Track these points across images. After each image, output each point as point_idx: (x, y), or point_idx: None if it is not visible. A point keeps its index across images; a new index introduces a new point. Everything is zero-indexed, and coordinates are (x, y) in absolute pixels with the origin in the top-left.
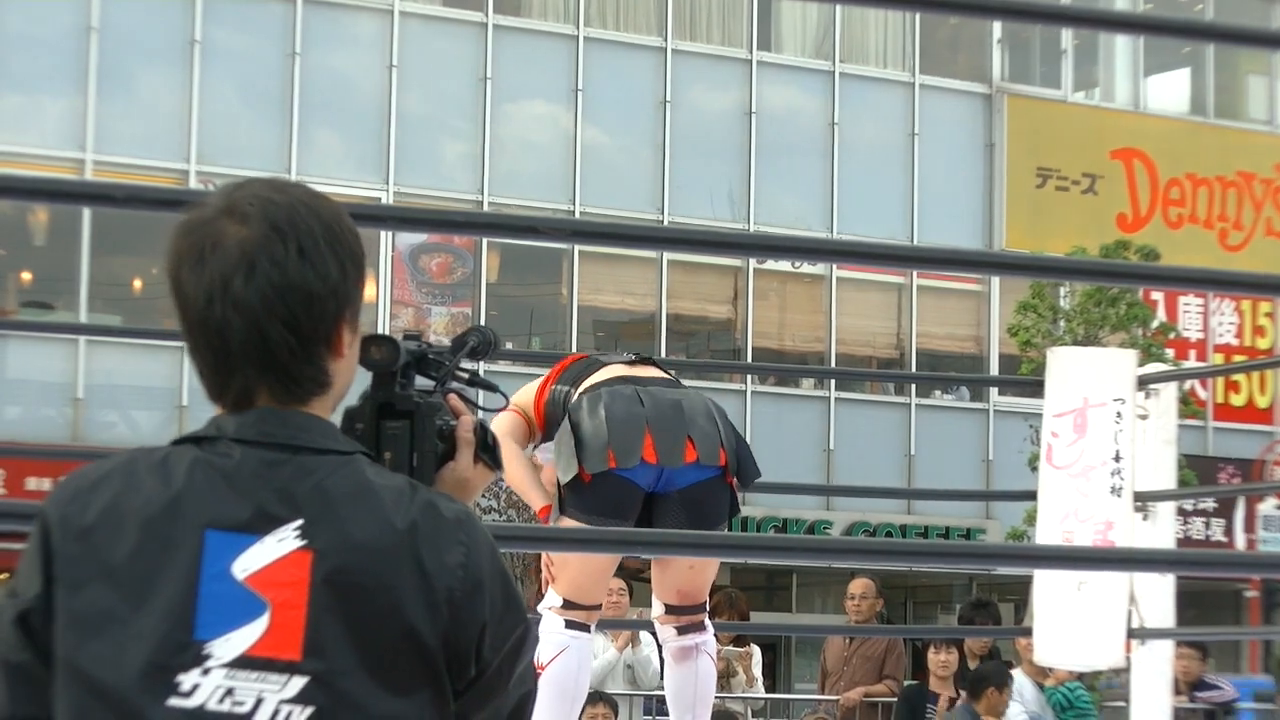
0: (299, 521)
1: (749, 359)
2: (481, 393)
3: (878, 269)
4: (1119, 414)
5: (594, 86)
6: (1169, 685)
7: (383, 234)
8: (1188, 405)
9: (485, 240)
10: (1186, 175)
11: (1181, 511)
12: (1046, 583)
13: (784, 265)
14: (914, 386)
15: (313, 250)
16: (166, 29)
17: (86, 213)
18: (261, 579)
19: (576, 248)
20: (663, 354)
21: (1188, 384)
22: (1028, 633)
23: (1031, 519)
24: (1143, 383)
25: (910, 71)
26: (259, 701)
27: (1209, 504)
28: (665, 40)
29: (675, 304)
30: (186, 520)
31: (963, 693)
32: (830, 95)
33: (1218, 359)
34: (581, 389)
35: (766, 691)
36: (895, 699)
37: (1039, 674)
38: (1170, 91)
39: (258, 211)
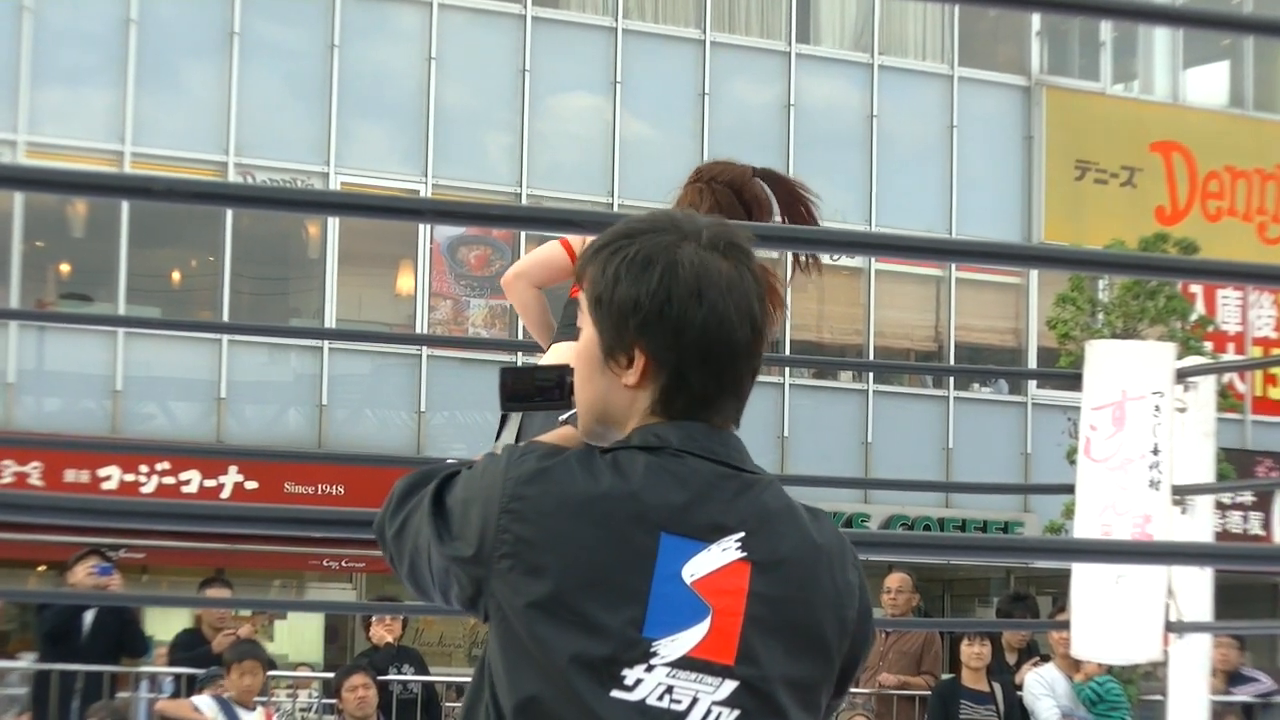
0: (741, 534)
1: (787, 352)
2: None
3: (916, 262)
4: (1157, 407)
5: (633, 79)
6: (1206, 679)
7: (421, 226)
8: (1226, 398)
9: (524, 233)
10: (1225, 168)
11: (1219, 505)
12: (1085, 576)
13: (823, 257)
14: (952, 379)
15: (759, 286)
16: (206, 21)
17: (125, 205)
18: (707, 585)
19: None
20: None
21: (1226, 377)
22: (1065, 626)
23: (1070, 512)
24: (1181, 376)
25: (949, 64)
26: (694, 701)
27: (1247, 497)
28: (704, 32)
29: None
30: (646, 521)
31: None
32: (869, 88)
33: (1256, 352)
34: None
35: None
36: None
37: (1071, 668)
38: (1209, 84)
39: (742, 248)
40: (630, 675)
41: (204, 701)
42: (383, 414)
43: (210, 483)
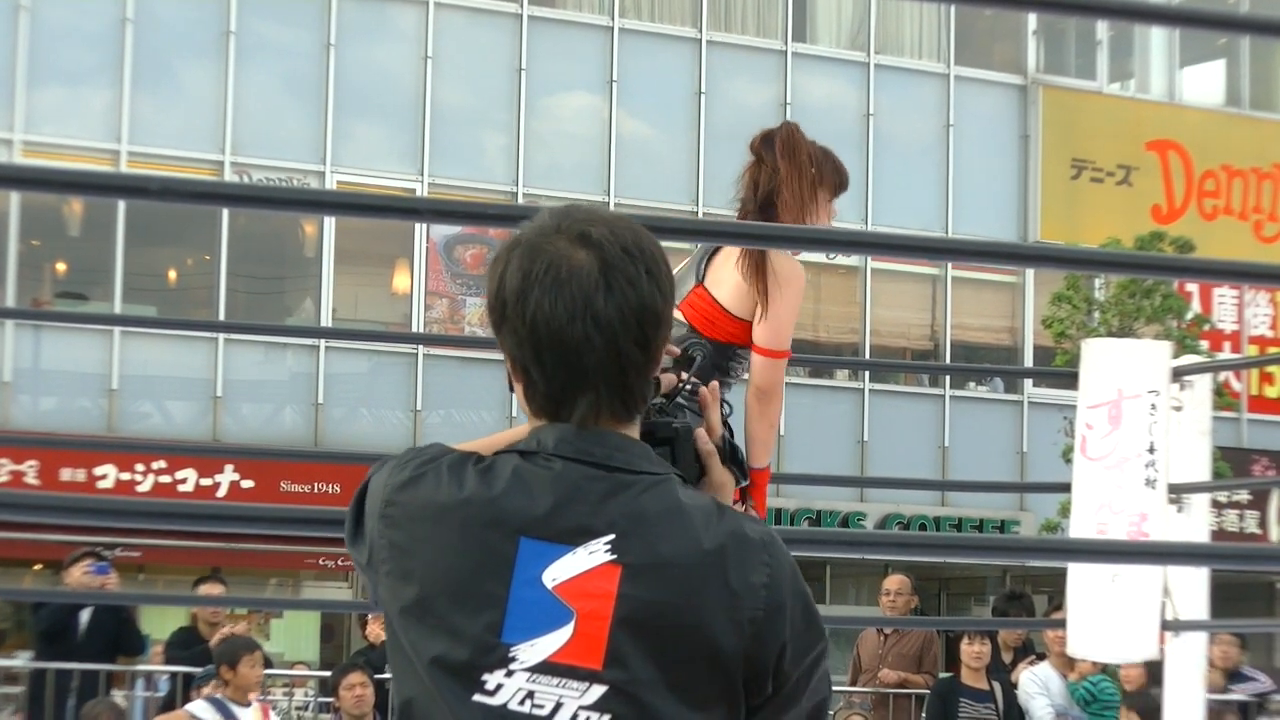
0: (610, 536)
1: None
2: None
3: (912, 261)
4: (1153, 406)
5: (629, 78)
6: (1203, 677)
7: (418, 225)
8: (1222, 397)
9: None
10: (1221, 167)
11: (1215, 503)
12: (1080, 575)
13: (818, 256)
14: (948, 378)
15: (657, 273)
16: (202, 21)
17: (121, 204)
18: (570, 589)
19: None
20: None
21: (1222, 376)
22: (1061, 625)
23: (1066, 511)
24: (1177, 374)
25: (945, 63)
26: (558, 706)
27: (1243, 496)
28: (700, 32)
29: None
30: (503, 526)
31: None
32: (865, 87)
33: (1252, 351)
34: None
35: None
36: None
37: (1066, 666)
38: (1205, 83)
39: (606, 235)
40: (491, 680)
41: (199, 707)
42: (379, 413)
43: (206, 481)
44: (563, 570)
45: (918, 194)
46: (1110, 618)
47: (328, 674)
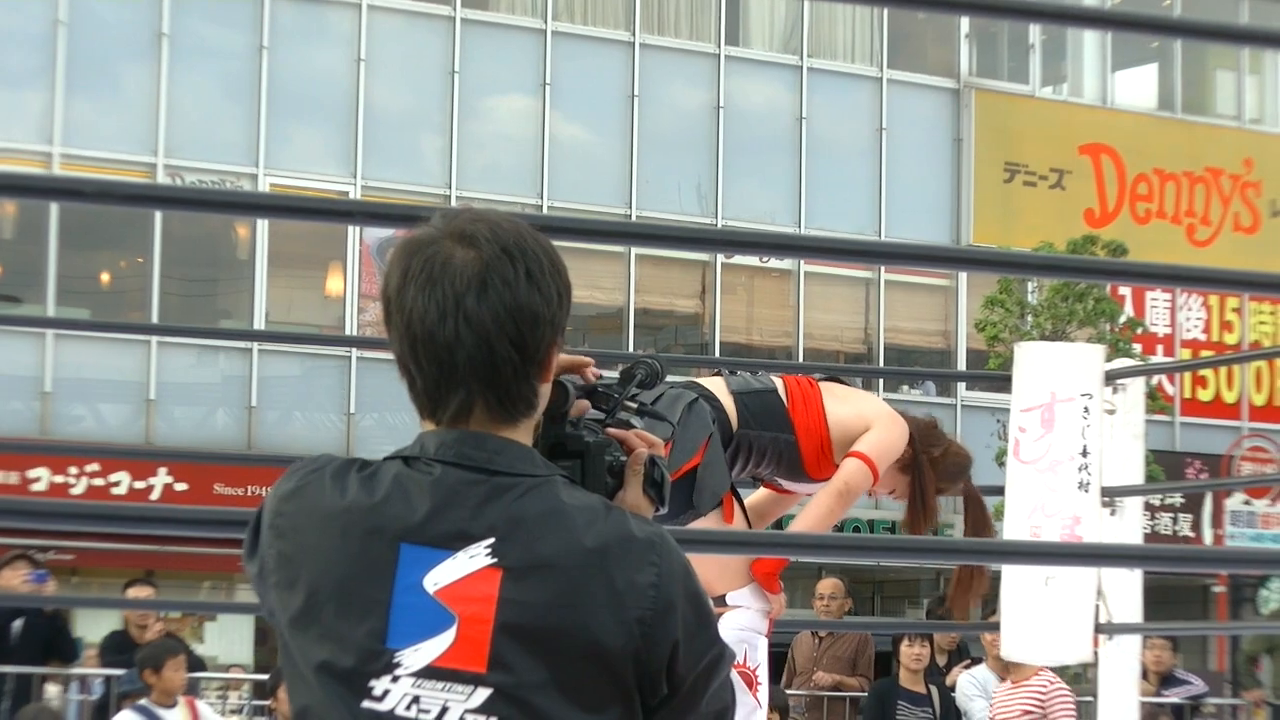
0: (490, 540)
1: (717, 353)
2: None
3: (846, 264)
4: (1086, 409)
5: (563, 81)
6: (1136, 680)
7: (351, 228)
8: (1155, 400)
9: None
10: (1154, 170)
11: (1149, 506)
12: (1014, 578)
13: (752, 260)
14: (881, 381)
15: (539, 274)
16: (135, 22)
17: (54, 206)
18: (451, 593)
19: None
20: (630, 348)
21: (1155, 379)
22: (995, 628)
23: (999, 514)
24: (1110, 378)
25: (878, 67)
26: (444, 710)
27: (1177, 499)
28: (634, 35)
29: (643, 298)
30: (383, 533)
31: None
32: (798, 90)
33: (1185, 354)
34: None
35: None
36: (865, 694)
37: (1004, 670)
38: (1138, 87)
39: (486, 234)
40: (378, 686)
41: (124, 718)
42: (312, 416)
43: (140, 484)
44: (444, 575)
45: (851, 197)
46: (1044, 620)
47: (263, 677)
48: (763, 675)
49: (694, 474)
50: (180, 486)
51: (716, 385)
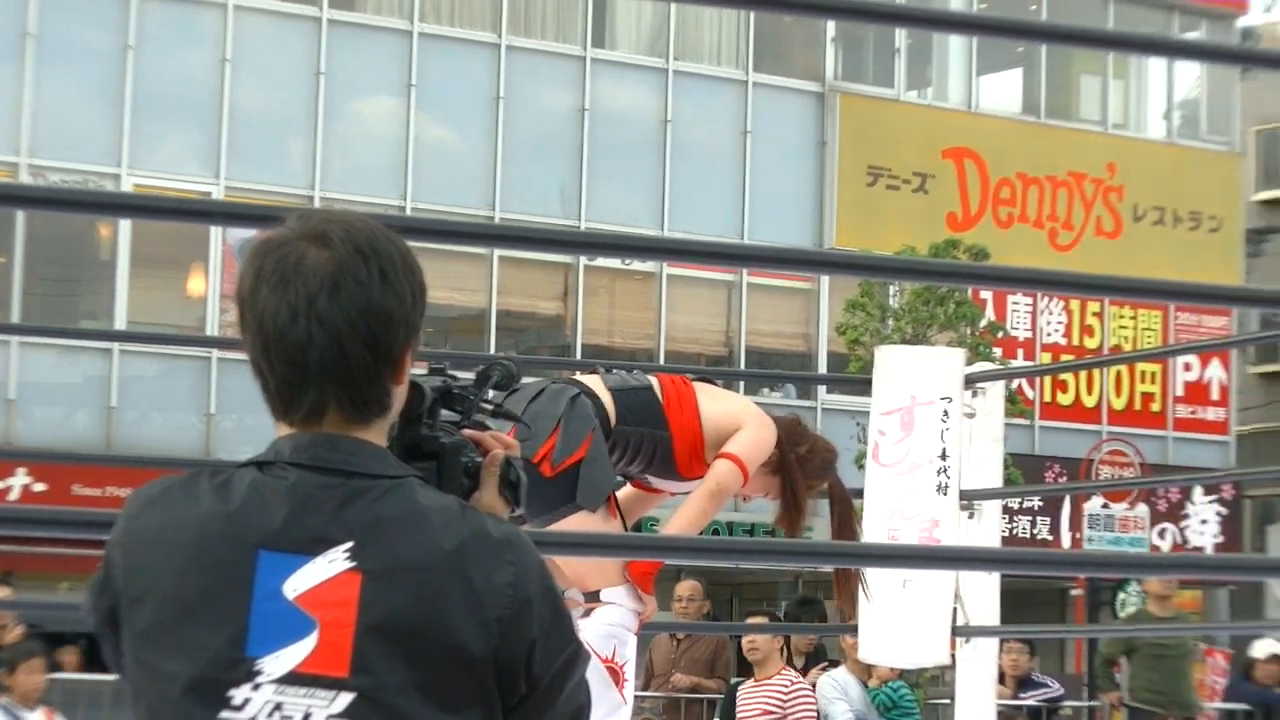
0: (349, 544)
1: (578, 355)
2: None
3: (708, 267)
4: (946, 412)
5: (428, 82)
6: (993, 683)
7: (214, 229)
8: (1015, 404)
9: None
10: (1017, 175)
11: (1008, 510)
12: (872, 580)
13: (614, 262)
14: (742, 384)
15: (393, 275)
16: (0, 22)
17: None
18: (311, 598)
19: (407, 244)
20: (492, 350)
21: (1015, 383)
22: (853, 630)
23: (858, 516)
24: (970, 381)
25: (744, 69)
26: (307, 716)
27: (1035, 502)
28: (500, 36)
29: (505, 300)
30: (240, 540)
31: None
32: (664, 93)
33: (1046, 358)
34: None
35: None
36: (721, 695)
37: (864, 672)
38: (1003, 91)
39: (340, 234)
40: (237, 695)
41: None
42: (172, 416)
43: None
44: (303, 581)
45: (715, 200)
46: (902, 623)
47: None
48: (629, 672)
49: (577, 469)
50: (39, 487)
51: (595, 382)
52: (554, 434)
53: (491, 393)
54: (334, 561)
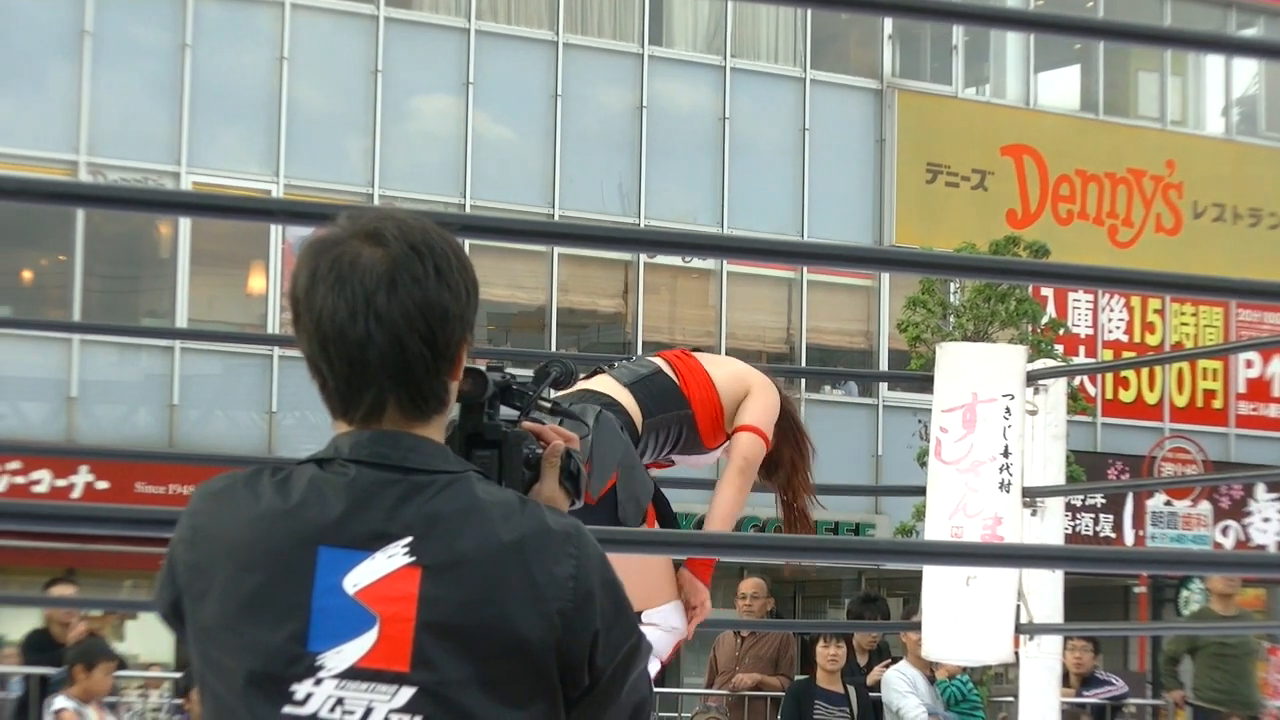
0: (408, 539)
1: (639, 353)
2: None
3: (768, 264)
4: (1008, 410)
5: (485, 80)
6: (1057, 681)
7: (273, 226)
8: (1077, 401)
9: None
10: (1076, 171)
11: (1070, 507)
12: (935, 578)
13: (674, 260)
14: (804, 381)
15: (447, 271)
16: (57, 19)
17: None
18: (371, 594)
19: (468, 241)
20: (553, 347)
21: (1077, 380)
22: (916, 627)
23: (921, 514)
24: (1032, 379)
25: (801, 67)
26: (369, 711)
27: (1098, 500)
28: (557, 34)
29: (566, 298)
30: (301, 536)
31: None
32: (721, 90)
33: (1107, 355)
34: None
35: (655, 686)
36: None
37: (926, 668)
38: (1060, 88)
39: (394, 232)
40: (300, 690)
41: (63, 701)
42: (234, 414)
43: (61, 482)
44: (363, 576)
45: (773, 198)
46: (965, 620)
47: (182, 675)
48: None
49: (614, 493)
50: (102, 485)
51: (608, 385)
52: (588, 463)
53: (550, 390)
54: (393, 557)
